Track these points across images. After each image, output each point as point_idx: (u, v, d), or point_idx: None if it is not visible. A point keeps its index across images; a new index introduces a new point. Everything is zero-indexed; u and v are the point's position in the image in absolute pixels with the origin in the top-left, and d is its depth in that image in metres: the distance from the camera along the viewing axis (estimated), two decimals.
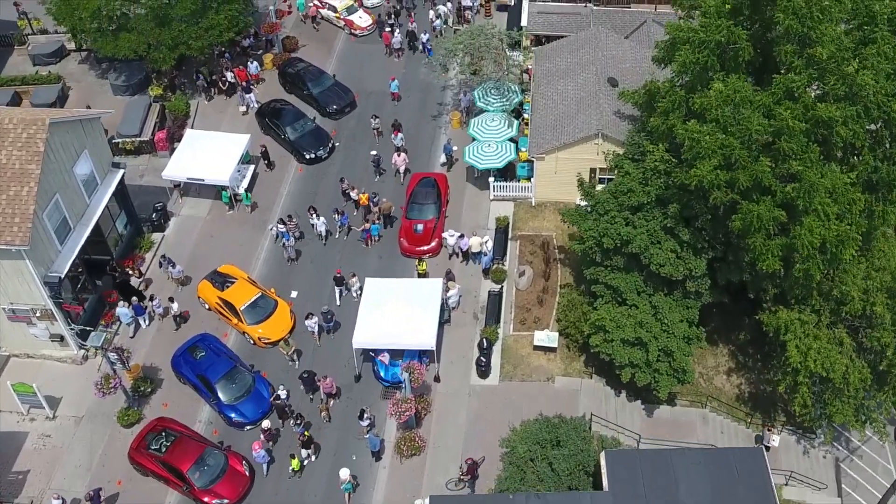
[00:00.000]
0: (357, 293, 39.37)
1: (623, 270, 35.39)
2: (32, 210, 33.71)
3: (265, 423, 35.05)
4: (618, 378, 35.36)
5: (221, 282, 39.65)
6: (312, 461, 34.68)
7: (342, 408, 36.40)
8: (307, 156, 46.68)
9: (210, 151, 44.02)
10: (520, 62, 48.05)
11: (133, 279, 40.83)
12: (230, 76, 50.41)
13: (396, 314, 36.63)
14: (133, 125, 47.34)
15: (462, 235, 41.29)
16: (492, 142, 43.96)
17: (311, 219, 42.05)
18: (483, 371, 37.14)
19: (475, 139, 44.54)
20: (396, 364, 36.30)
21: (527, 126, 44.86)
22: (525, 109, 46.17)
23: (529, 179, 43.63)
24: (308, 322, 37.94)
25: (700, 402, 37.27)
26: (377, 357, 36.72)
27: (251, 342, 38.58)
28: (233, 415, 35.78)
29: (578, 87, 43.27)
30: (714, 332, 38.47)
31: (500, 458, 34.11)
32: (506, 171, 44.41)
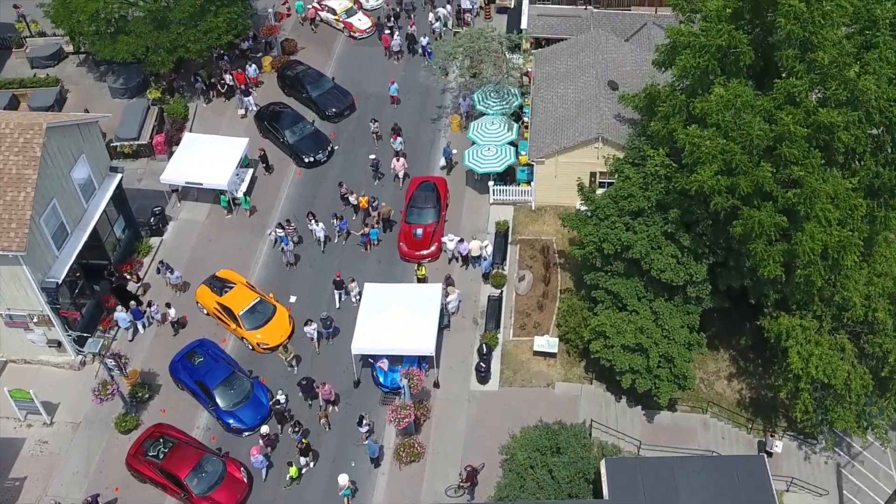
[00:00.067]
0: (356, 298, 39.18)
1: (623, 276, 35.24)
2: (29, 215, 33.52)
3: (264, 429, 34.86)
4: (618, 384, 35.19)
5: (220, 287, 39.47)
6: (311, 468, 34.49)
7: (341, 414, 36.20)
8: (306, 159, 46.47)
9: (208, 155, 43.83)
10: (519, 65, 47.84)
11: (131, 284, 40.62)
12: (228, 79, 50.23)
13: (396, 320, 36.43)
14: (131, 128, 47.15)
15: (462, 240, 41.09)
16: (491, 145, 43.74)
17: (310, 225, 41.84)
18: (483, 377, 36.95)
19: (475, 143, 44.32)
20: (396, 370, 36.11)
21: (527, 129, 44.65)
22: (525, 113, 45.95)
23: (529, 183, 43.44)
24: (307, 328, 37.73)
25: (701, 408, 37.07)
26: (376, 363, 36.54)
27: (250, 348, 38.39)
28: (231, 421, 35.61)
29: (578, 91, 43.08)
30: (715, 337, 38.31)
31: (500, 465, 33.92)
32: (505, 175, 44.18)
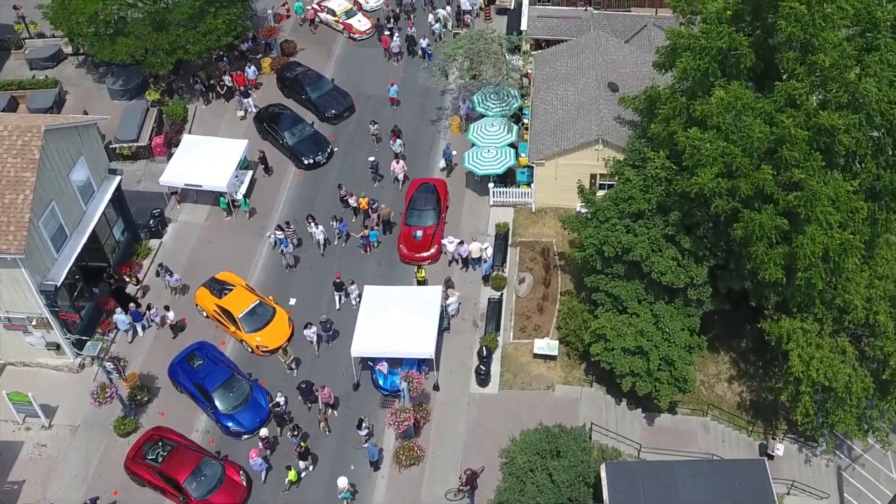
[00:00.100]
0: (356, 300, 39.08)
1: (624, 278, 35.12)
2: (28, 218, 33.39)
3: (263, 432, 34.74)
4: (618, 386, 35.08)
5: (219, 289, 39.36)
6: (310, 471, 34.37)
7: (340, 417, 36.07)
8: (305, 161, 46.33)
9: (208, 157, 43.71)
10: (519, 67, 47.73)
11: (130, 286, 40.51)
12: (228, 80, 50.11)
13: (395, 322, 36.33)
14: (130, 130, 47.01)
15: (462, 242, 40.98)
16: (491, 147, 43.61)
17: (310, 228, 41.70)
18: (482, 379, 36.83)
19: (475, 144, 44.19)
20: (395, 372, 36.01)
21: (526, 131, 44.54)
22: (525, 114, 45.84)
23: (529, 185, 43.33)
24: (307, 332, 37.59)
25: (701, 411, 36.97)
26: (376, 366, 36.42)
27: (249, 350, 38.28)
28: (230, 424, 35.48)
29: (578, 92, 42.97)
30: (715, 340, 38.22)
31: (500, 469, 33.83)
32: (505, 177, 44.06)
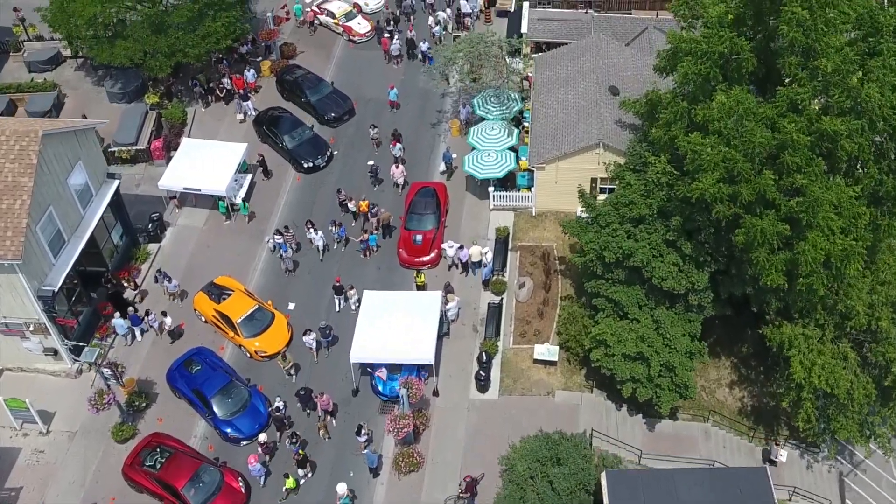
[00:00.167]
0: (355, 305, 38.88)
1: (624, 284, 34.95)
2: (25, 223, 33.21)
3: (261, 437, 34.57)
4: (619, 392, 34.92)
5: (218, 294, 39.15)
6: (309, 478, 34.19)
7: (339, 422, 35.86)
8: (305, 164, 46.13)
9: (207, 161, 43.48)
10: (520, 70, 47.52)
11: (128, 291, 40.31)
12: (227, 83, 49.93)
13: (395, 328, 36.15)
14: (129, 133, 46.79)
15: (461, 246, 40.77)
16: (491, 151, 43.41)
17: (309, 233, 41.47)
18: (482, 385, 36.63)
19: (475, 148, 43.98)
20: (395, 378, 35.82)
21: (527, 135, 44.36)
22: (525, 118, 45.65)
23: (530, 189, 43.14)
24: (306, 338, 37.37)
25: (702, 416, 36.79)
26: (375, 372, 36.23)
27: (248, 356, 38.08)
28: (228, 430, 35.28)
29: (579, 96, 42.77)
30: (716, 344, 38.06)
31: (500, 475, 33.66)
32: (506, 181, 43.88)
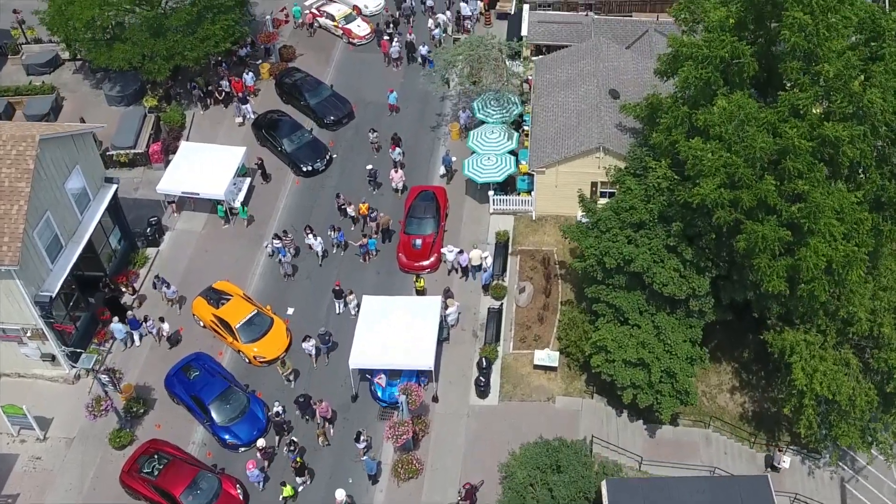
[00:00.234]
0: (354, 310, 38.68)
1: (625, 289, 34.72)
2: (22, 229, 32.99)
3: (260, 442, 34.38)
4: (619, 398, 34.71)
5: (216, 299, 38.95)
6: (308, 485, 33.98)
7: (338, 429, 35.65)
8: (304, 168, 45.94)
9: (205, 164, 43.31)
10: (520, 73, 47.31)
11: (127, 296, 40.11)
12: (226, 85, 49.72)
13: (394, 333, 35.93)
14: (128, 137, 46.62)
15: (461, 251, 40.57)
16: (491, 154, 43.22)
17: (307, 239, 41.25)
18: (482, 391, 36.42)
19: (475, 152, 43.80)
20: (394, 384, 35.62)
21: (527, 138, 44.16)
22: (525, 121, 45.45)
23: (530, 193, 42.93)
24: (305, 345, 37.14)
25: (703, 422, 36.56)
26: (374, 379, 36.03)
27: (246, 361, 37.88)
28: (227, 436, 35.07)
29: (579, 99, 42.57)
30: (717, 349, 37.84)
31: (500, 482, 33.45)
32: (506, 184, 43.68)
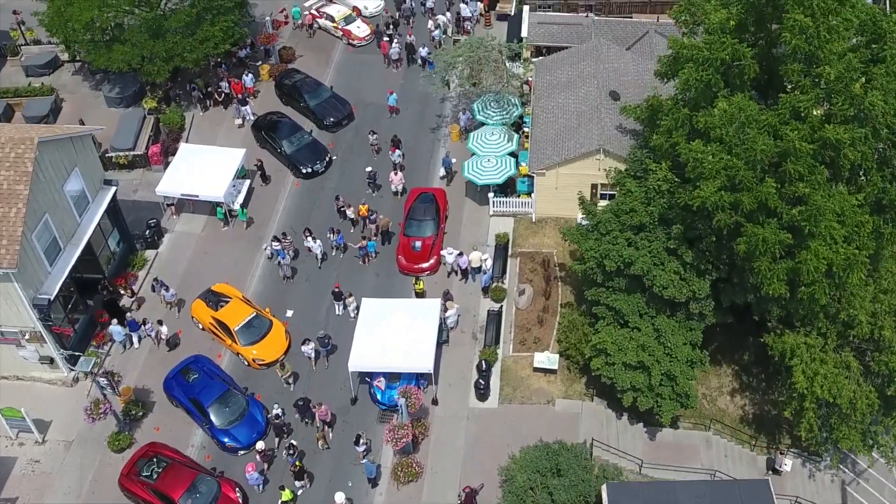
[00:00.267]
0: (354, 312, 38.57)
1: (625, 292, 34.61)
2: (20, 232, 32.89)
3: (259, 445, 34.27)
4: (619, 401, 34.61)
5: (215, 301, 38.85)
6: (307, 488, 33.89)
7: (338, 431, 35.55)
8: (304, 170, 45.82)
9: (205, 166, 43.21)
10: (520, 74, 47.19)
11: (125, 298, 40.01)
12: (225, 86, 49.62)
13: (393, 336, 35.84)
14: (127, 138, 46.51)
15: (461, 253, 40.46)
16: (491, 156, 43.11)
17: (306, 242, 41.12)
18: (482, 393, 36.33)
19: (474, 154, 43.69)
20: (393, 387, 35.51)
21: (527, 140, 44.05)
22: (525, 123, 45.34)
23: (530, 195, 42.83)
24: (305, 348, 37.04)
25: (703, 425, 36.47)
26: (374, 382, 35.93)
27: (245, 364, 37.79)
28: (226, 439, 34.99)
29: (579, 101, 42.46)
30: (717, 352, 37.74)
31: (500, 486, 33.35)
32: (506, 186, 43.57)
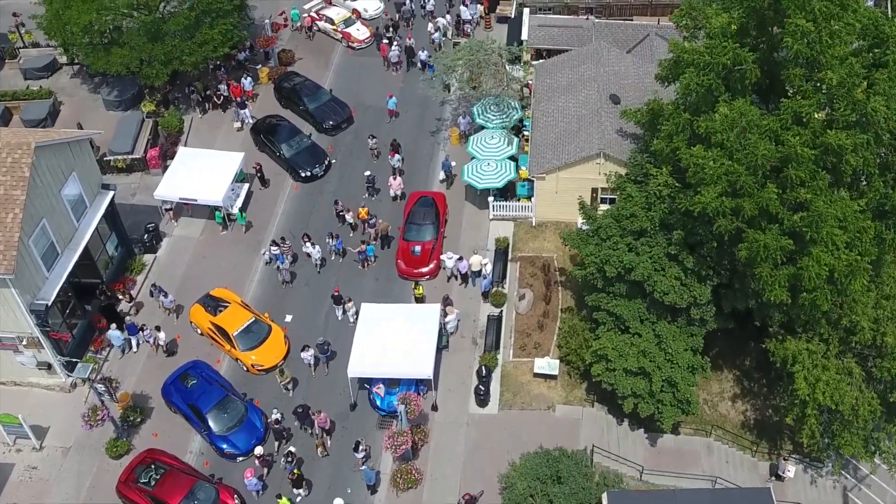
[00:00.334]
0: (353, 318, 38.37)
1: (626, 297, 34.41)
2: (17, 237, 32.67)
3: (258, 450, 34.09)
4: (620, 407, 34.40)
5: (214, 306, 38.64)
6: (306, 496, 33.68)
7: (337, 438, 35.36)
8: (303, 173, 45.61)
9: (203, 170, 43.01)
10: (520, 77, 46.99)
11: (124, 303, 39.82)
12: (224, 89, 49.42)
13: (393, 342, 35.62)
14: (125, 142, 46.32)
15: (461, 258, 40.27)
16: (491, 160, 42.91)
17: (305, 247, 40.91)
18: (482, 399, 36.13)
19: (474, 157, 43.49)
20: (393, 392, 35.32)
21: (527, 143, 43.85)
22: (525, 126, 45.14)
23: (530, 199, 42.63)
24: (304, 354, 36.84)
25: (704, 431, 36.28)
26: (373, 387, 35.73)
27: (244, 369, 37.59)
28: (224, 446, 34.79)
29: (580, 104, 42.25)
30: (718, 357, 37.54)
31: (500, 493, 33.16)
32: (506, 190, 43.38)
